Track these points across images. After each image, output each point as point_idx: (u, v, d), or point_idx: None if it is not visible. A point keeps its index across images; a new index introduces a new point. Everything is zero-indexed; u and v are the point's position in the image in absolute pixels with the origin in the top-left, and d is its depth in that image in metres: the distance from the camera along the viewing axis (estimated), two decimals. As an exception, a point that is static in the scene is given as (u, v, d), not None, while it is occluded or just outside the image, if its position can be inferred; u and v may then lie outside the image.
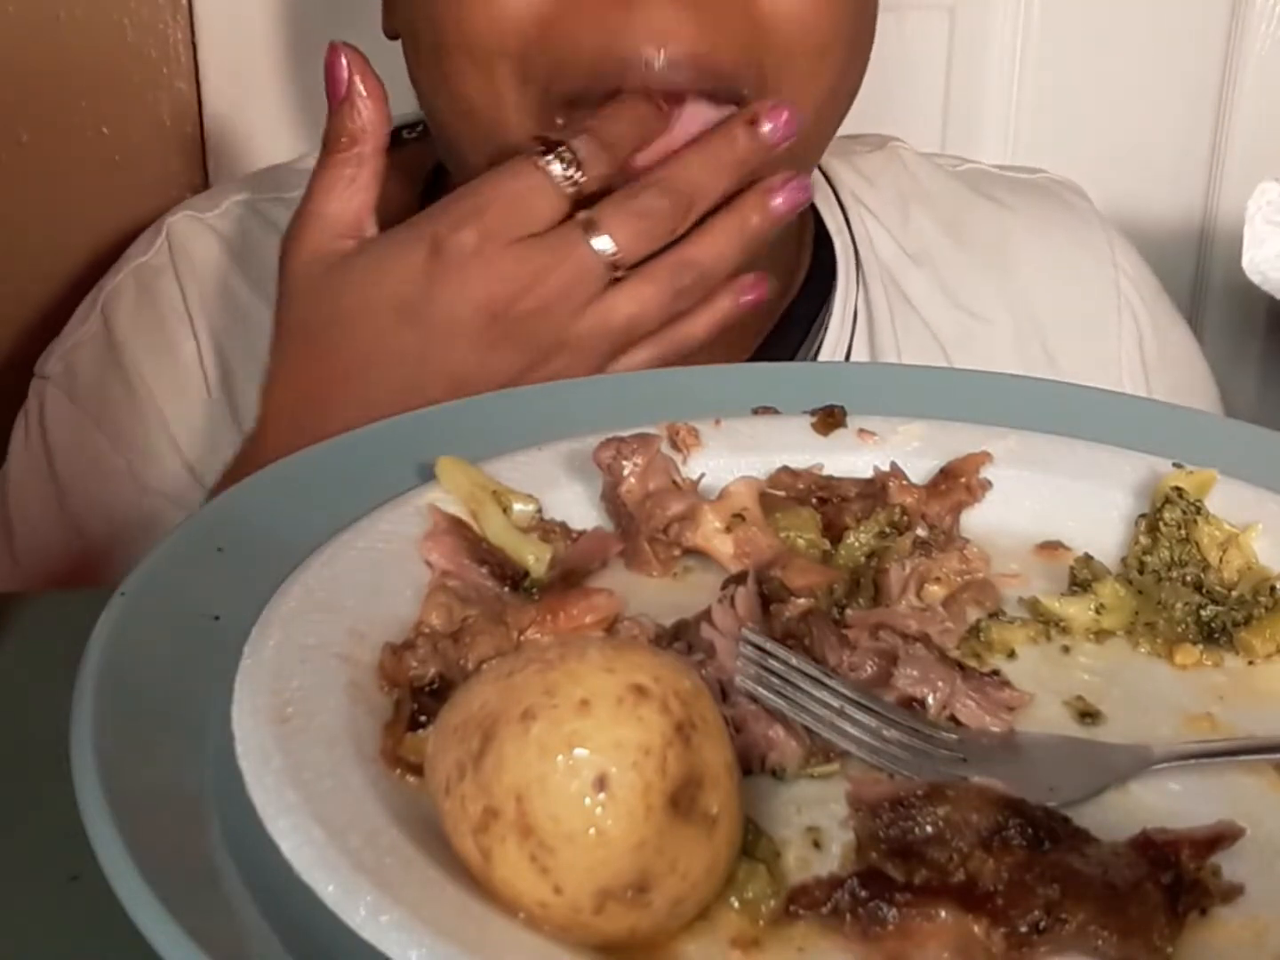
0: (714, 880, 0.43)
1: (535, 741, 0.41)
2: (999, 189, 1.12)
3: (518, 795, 0.40)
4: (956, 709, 0.52)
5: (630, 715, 0.41)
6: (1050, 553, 0.64)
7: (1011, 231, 1.09)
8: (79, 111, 1.25)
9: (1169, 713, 0.54)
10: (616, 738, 0.40)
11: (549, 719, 0.41)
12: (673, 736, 0.41)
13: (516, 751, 0.41)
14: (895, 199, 1.08)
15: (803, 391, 0.73)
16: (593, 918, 0.41)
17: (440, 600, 0.56)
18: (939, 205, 1.09)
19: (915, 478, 0.66)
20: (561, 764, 0.40)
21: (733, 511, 0.62)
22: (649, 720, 0.41)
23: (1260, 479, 0.65)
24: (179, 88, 1.29)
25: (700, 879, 0.42)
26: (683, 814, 0.41)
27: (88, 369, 0.99)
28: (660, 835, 0.40)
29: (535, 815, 0.40)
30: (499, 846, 0.41)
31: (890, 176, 1.09)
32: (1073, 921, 0.41)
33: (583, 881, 0.40)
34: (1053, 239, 1.10)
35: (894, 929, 0.41)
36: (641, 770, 0.40)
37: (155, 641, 0.52)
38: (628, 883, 0.40)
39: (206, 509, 0.60)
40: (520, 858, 0.41)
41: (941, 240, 1.07)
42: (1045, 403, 0.74)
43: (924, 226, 1.07)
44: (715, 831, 0.42)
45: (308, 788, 0.45)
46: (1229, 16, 1.47)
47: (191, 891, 0.41)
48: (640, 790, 0.40)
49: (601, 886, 0.40)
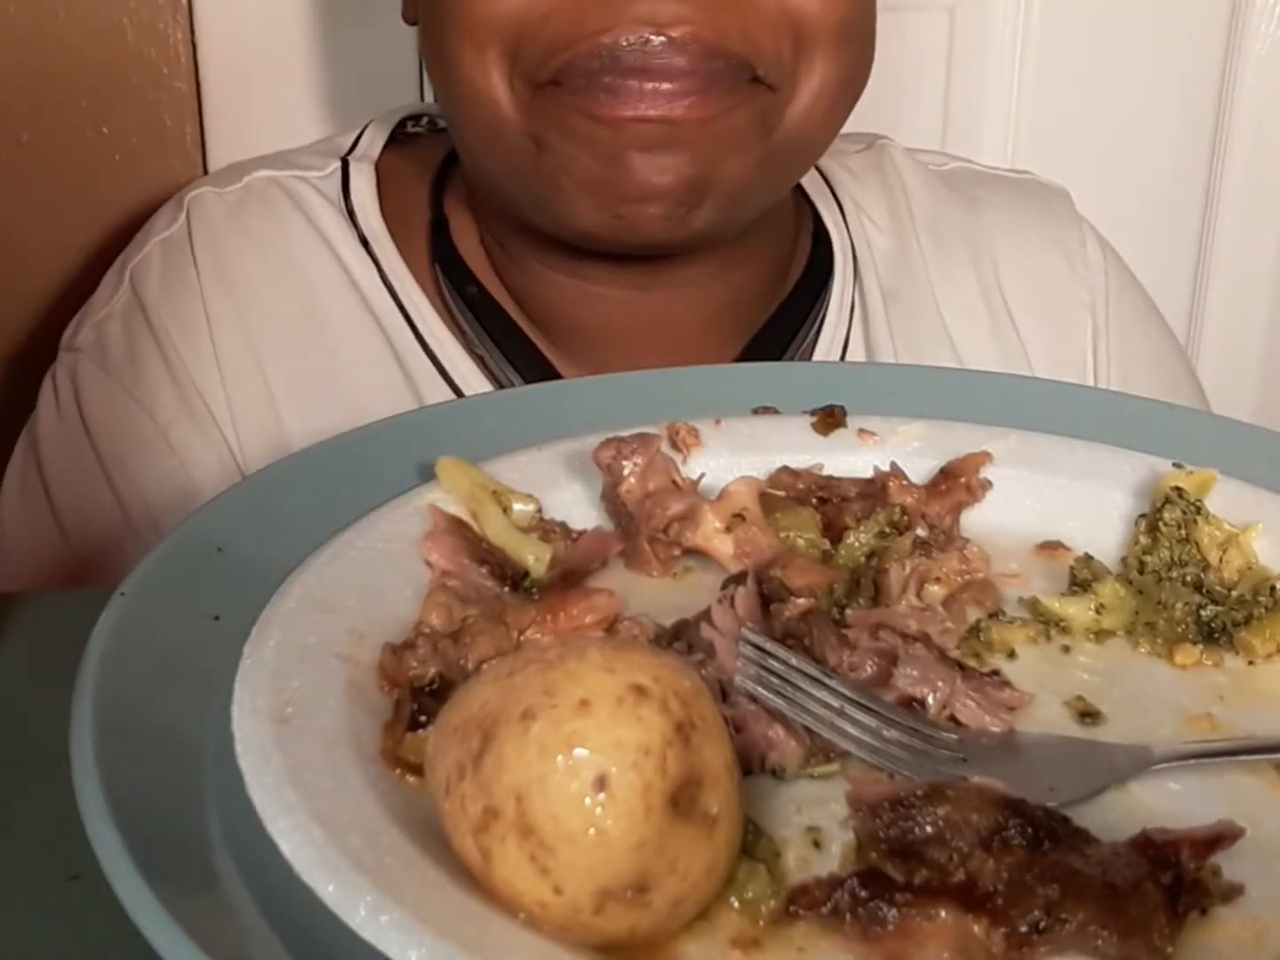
0: (714, 880, 0.43)
1: (535, 741, 0.41)
2: (981, 187, 1.12)
3: (517, 795, 0.40)
4: (956, 709, 0.52)
5: (630, 715, 0.41)
6: (1050, 553, 0.64)
7: (988, 228, 1.10)
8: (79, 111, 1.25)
9: (1169, 713, 0.54)
10: (616, 738, 0.40)
11: (549, 719, 0.41)
12: (673, 736, 0.41)
13: (516, 751, 0.41)
14: (883, 197, 1.09)
15: (803, 391, 0.73)
16: (592, 918, 0.41)
17: (440, 600, 0.56)
18: (922, 203, 1.09)
19: (915, 478, 0.66)
20: (561, 764, 0.40)
21: (733, 511, 0.62)
22: (649, 720, 0.41)
23: (1260, 479, 0.65)
24: (179, 88, 1.29)
25: (700, 879, 0.42)
26: (682, 814, 0.41)
27: (118, 340, 0.98)
28: (660, 835, 0.40)
29: (535, 815, 0.40)
30: (499, 846, 0.41)
31: (878, 175, 1.10)
32: (1073, 921, 0.41)
33: (583, 881, 0.40)
34: (1026, 237, 1.10)
35: (894, 929, 0.41)
36: (641, 770, 0.40)
37: (155, 641, 0.52)
38: (628, 883, 0.40)
39: (206, 509, 0.60)
40: (520, 858, 0.40)
41: (924, 237, 1.08)
42: (1045, 403, 0.74)
43: (907, 223, 1.08)
44: (715, 831, 0.42)
45: (308, 788, 0.45)
46: (1229, 16, 1.47)
47: (191, 891, 0.41)
48: (640, 790, 0.40)
49: (601, 886, 0.40)
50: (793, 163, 0.94)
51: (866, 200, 1.08)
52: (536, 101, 0.86)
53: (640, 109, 0.83)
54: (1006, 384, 0.78)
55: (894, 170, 1.10)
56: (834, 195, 1.07)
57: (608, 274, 0.94)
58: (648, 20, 0.82)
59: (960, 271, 1.08)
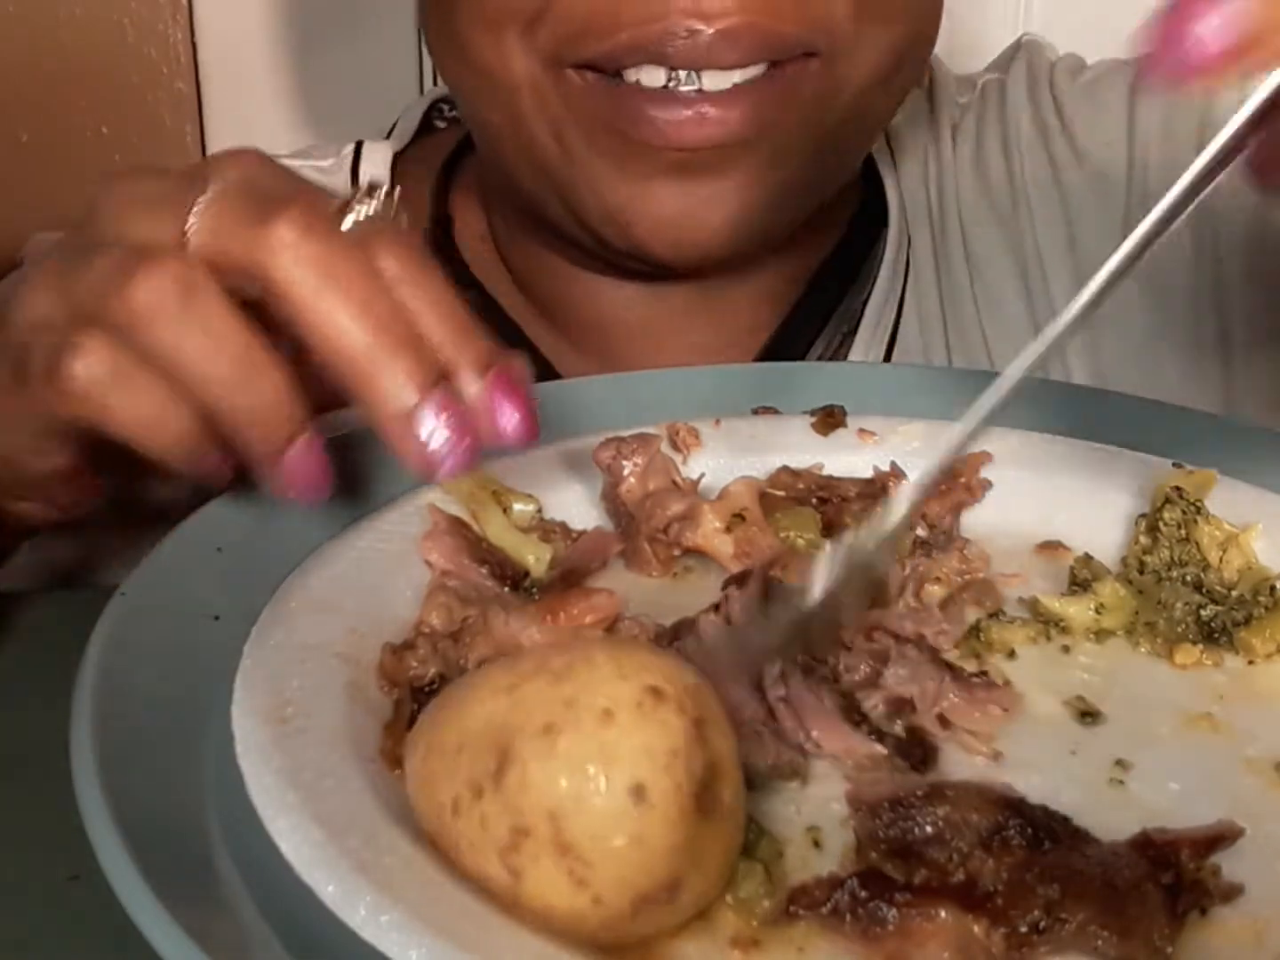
0: (727, 869, 0.43)
1: (564, 756, 0.40)
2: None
3: (550, 813, 0.40)
4: (945, 708, 0.52)
5: (652, 720, 0.40)
6: (1050, 553, 0.64)
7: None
8: (79, 111, 1.25)
9: (1169, 713, 0.54)
10: (645, 744, 0.40)
11: (574, 732, 0.40)
12: (693, 734, 0.41)
13: (543, 768, 0.40)
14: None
15: (803, 391, 0.73)
16: (629, 923, 0.40)
17: (440, 600, 0.56)
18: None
19: (915, 478, 0.66)
20: (594, 778, 0.40)
21: (733, 511, 0.62)
22: (671, 723, 0.41)
23: (1260, 479, 0.65)
24: (179, 88, 1.29)
25: (720, 870, 0.42)
26: (705, 810, 0.41)
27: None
28: (691, 834, 0.40)
29: (572, 831, 0.40)
30: (532, 865, 0.40)
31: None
32: (1073, 921, 0.41)
33: (622, 890, 0.40)
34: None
35: (894, 929, 0.41)
36: (673, 773, 0.40)
37: (155, 641, 0.52)
38: (663, 885, 0.40)
39: (206, 509, 0.60)
40: (557, 874, 0.40)
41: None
42: (1045, 403, 0.74)
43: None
44: (730, 822, 0.42)
45: (308, 788, 0.45)
46: (1229, 16, 1.47)
47: (191, 891, 0.41)
48: (674, 793, 0.40)
49: (640, 892, 0.40)
50: (851, 145, 0.87)
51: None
52: (561, 88, 0.79)
53: (683, 133, 0.77)
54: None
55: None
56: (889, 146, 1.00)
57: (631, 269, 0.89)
58: (695, 12, 0.74)
59: (991, 228, 0.99)
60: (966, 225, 0.97)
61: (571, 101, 0.80)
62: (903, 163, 0.99)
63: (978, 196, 0.97)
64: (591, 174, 0.81)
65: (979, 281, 0.96)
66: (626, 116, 0.78)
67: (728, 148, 0.78)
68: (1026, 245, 0.95)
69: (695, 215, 0.80)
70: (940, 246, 0.97)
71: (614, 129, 0.79)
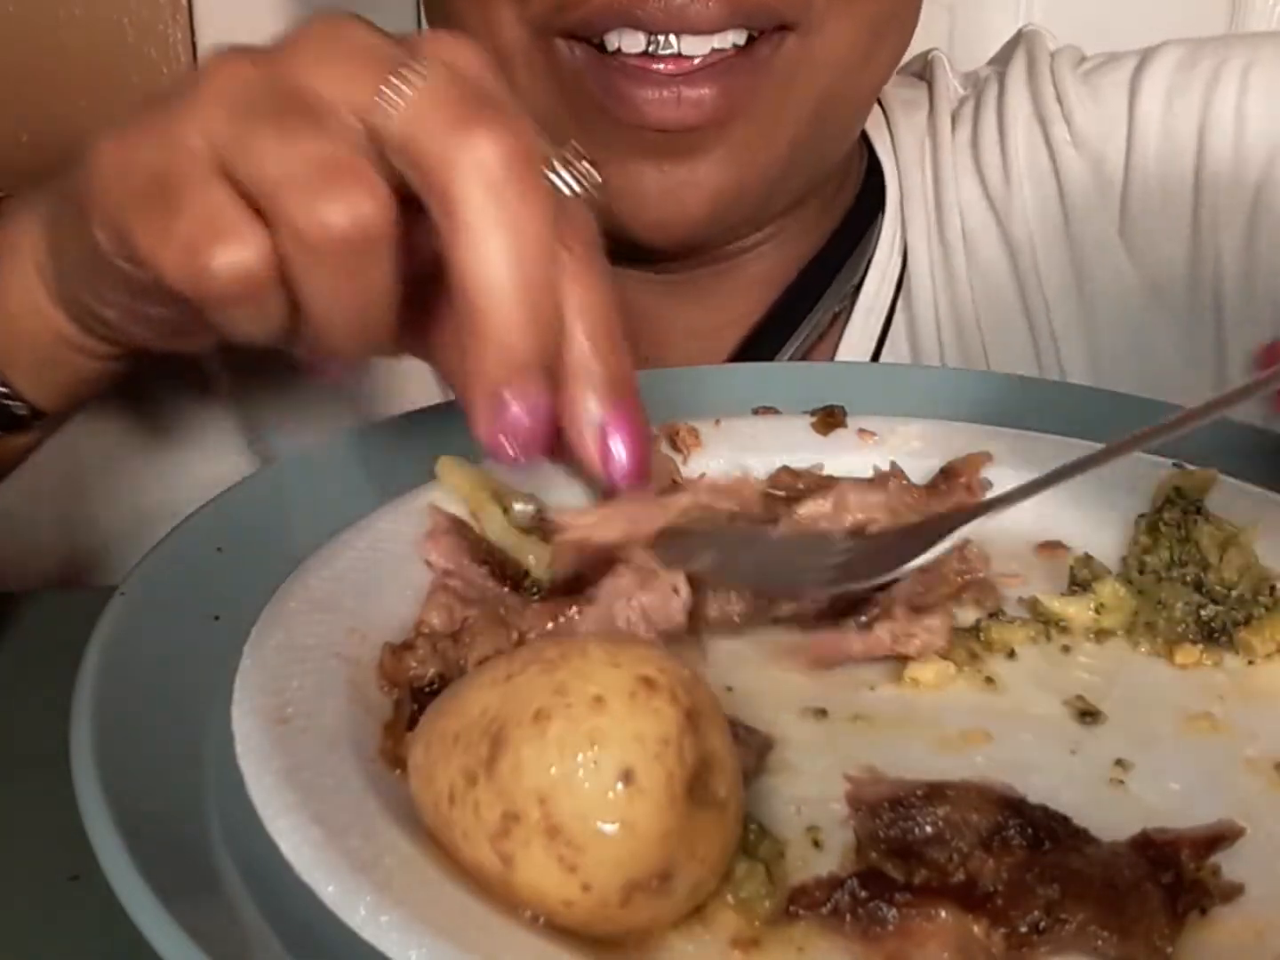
0: (726, 861, 0.43)
1: (555, 742, 0.40)
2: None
3: (541, 797, 0.40)
4: None
5: (645, 708, 0.41)
6: (1050, 553, 0.64)
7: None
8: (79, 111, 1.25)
9: (1169, 712, 0.54)
10: (637, 731, 0.40)
11: (565, 718, 0.41)
12: (685, 725, 0.41)
13: (535, 754, 0.40)
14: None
15: (803, 391, 0.73)
16: (619, 910, 0.41)
17: (440, 600, 0.56)
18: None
19: (915, 478, 0.66)
20: (585, 762, 0.40)
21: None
22: (663, 711, 0.41)
23: (1260, 479, 0.65)
24: (179, 88, 1.29)
25: (716, 861, 0.42)
26: (698, 800, 0.41)
27: None
28: (682, 823, 0.41)
29: (562, 815, 0.40)
30: (523, 851, 0.41)
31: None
32: (1073, 921, 0.41)
33: (611, 876, 0.40)
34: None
35: (894, 929, 0.41)
36: (664, 761, 0.40)
37: (155, 641, 0.52)
38: (654, 873, 0.40)
39: (206, 509, 0.60)
40: (547, 859, 0.40)
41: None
42: (1045, 403, 0.74)
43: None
44: (726, 813, 0.42)
45: (308, 788, 0.45)
46: (1229, 16, 1.47)
47: (191, 891, 0.41)
48: (664, 781, 0.40)
49: (630, 879, 0.40)
50: (834, 126, 0.88)
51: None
52: (551, 61, 0.80)
53: (662, 113, 0.78)
54: (1006, 384, 0.78)
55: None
56: (889, 128, 1.01)
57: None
58: None
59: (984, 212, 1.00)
60: (963, 207, 0.97)
61: (562, 75, 0.81)
62: (901, 149, 1.00)
63: (973, 178, 0.98)
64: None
65: (973, 264, 0.97)
66: (611, 94, 0.79)
67: (705, 130, 0.79)
68: (1017, 227, 0.96)
69: (674, 195, 0.81)
70: (936, 229, 0.98)
71: (600, 107, 0.80)
